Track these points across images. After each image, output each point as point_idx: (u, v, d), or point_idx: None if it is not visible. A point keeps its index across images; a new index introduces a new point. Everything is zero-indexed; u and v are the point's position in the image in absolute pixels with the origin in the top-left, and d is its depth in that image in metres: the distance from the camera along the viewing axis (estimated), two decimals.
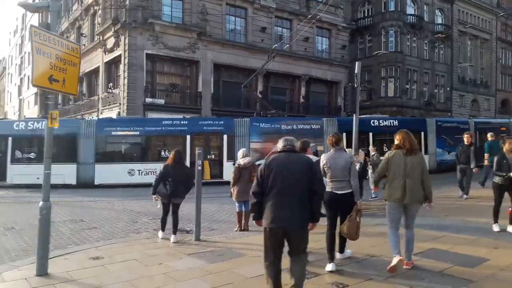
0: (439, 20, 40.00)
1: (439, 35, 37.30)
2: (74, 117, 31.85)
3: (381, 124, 20.63)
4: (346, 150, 6.75)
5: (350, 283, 4.65)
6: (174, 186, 6.88)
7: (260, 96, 27.51)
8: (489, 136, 12.58)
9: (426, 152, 20.09)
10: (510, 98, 47.29)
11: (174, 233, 7.03)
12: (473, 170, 10.69)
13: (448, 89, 39.88)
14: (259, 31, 29.03)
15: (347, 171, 5.26)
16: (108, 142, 17.89)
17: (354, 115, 10.78)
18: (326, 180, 5.35)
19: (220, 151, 18.42)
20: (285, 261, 4.02)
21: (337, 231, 5.31)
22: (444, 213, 8.83)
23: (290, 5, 30.82)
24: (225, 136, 18.31)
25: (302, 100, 31.43)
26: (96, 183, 17.02)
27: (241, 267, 5.31)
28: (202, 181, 7.28)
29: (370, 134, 19.93)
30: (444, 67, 39.77)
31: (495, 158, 7.13)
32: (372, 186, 10.57)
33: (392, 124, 20.50)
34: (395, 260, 4.88)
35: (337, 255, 5.44)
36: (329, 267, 5.07)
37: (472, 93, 42.12)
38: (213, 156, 18.63)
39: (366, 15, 37.69)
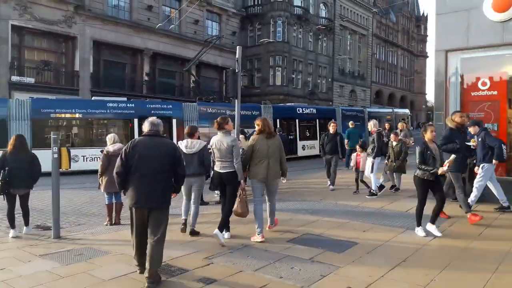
0: (323, 13, 42.43)
1: (321, 26, 39.44)
2: None
3: (304, 112, 22.60)
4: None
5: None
6: (13, 176, 6.07)
7: (198, 80, 26.03)
8: (350, 124, 14.71)
9: None
10: (382, 89, 52.72)
11: (26, 224, 6.45)
12: (341, 160, 10.78)
13: (329, 79, 42.72)
14: (145, 9, 27.42)
15: (230, 153, 5.65)
16: (46, 126, 15.68)
17: (236, 100, 10.55)
18: (215, 160, 5.88)
19: (170, 136, 17.27)
20: None
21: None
22: (319, 197, 9.18)
23: None
24: (174, 120, 17.68)
25: (192, 84, 30.68)
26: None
27: (100, 267, 4.67)
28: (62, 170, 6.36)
29: (297, 120, 21.81)
30: (326, 59, 42.43)
31: (417, 149, 6.05)
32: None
33: (312, 112, 23.01)
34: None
35: (215, 230, 5.59)
36: (226, 235, 5.80)
37: (350, 84, 45.84)
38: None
39: (256, 3, 38.20)
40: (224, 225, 5.73)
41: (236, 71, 10.58)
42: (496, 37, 8.17)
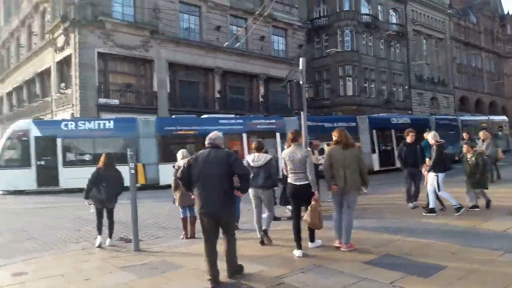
0: (393, 19, 40.90)
1: (391, 32, 37.88)
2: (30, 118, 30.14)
3: (399, 122, 22.32)
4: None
5: None
6: (108, 191, 6.63)
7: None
8: (425, 135, 12.69)
9: None
10: (467, 95, 49.03)
11: (110, 236, 6.92)
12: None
13: (406, 87, 40.79)
14: (214, 29, 28.42)
15: (303, 164, 5.74)
16: (170, 142, 17.40)
17: (302, 112, 10.39)
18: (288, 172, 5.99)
19: (274, 149, 18.19)
20: None
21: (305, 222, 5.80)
22: (401, 215, 8.50)
23: (244, 3, 30.39)
24: (277, 134, 18.54)
25: (261, 99, 31.14)
26: (161, 183, 16.17)
27: (171, 282, 4.77)
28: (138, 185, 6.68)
29: (392, 131, 21.57)
30: (401, 66, 40.65)
31: None
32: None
33: (406, 122, 22.20)
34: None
35: (309, 244, 5.93)
36: (297, 253, 5.68)
37: (430, 91, 43.34)
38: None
39: (321, 14, 37.89)
40: (312, 235, 6.01)
41: (301, 83, 10.47)
42: None
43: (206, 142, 4.90)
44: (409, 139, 9.43)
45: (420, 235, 6.60)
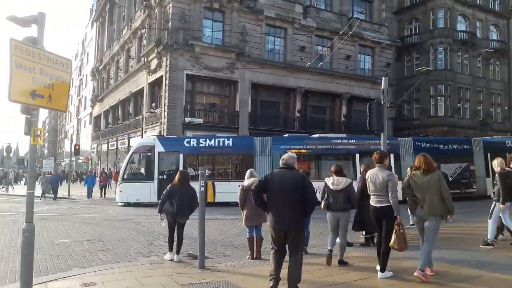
0: (494, 36, 37.75)
1: (489, 49, 34.73)
2: (122, 135, 33.12)
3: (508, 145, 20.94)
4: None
5: None
6: (180, 205, 6.92)
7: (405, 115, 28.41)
8: None
9: None
10: None
11: (178, 252, 7.11)
12: None
13: (506, 108, 37.17)
14: (298, 50, 28.71)
15: (385, 187, 5.77)
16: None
17: (382, 134, 9.90)
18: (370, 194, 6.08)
19: (388, 168, 17.81)
20: None
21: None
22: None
23: (332, 24, 30.31)
24: (391, 155, 17.74)
25: (343, 119, 30.49)
26: None
27: None
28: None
29: (507, 153, 20.35)
30: (500, 85, 37.22)
31: None
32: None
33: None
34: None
35: (378, 274, 5.83)
36: (380, 274, 5.80)
37: None
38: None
39: (413, 32, 36.33)
40: (384, 264, 5.84)
41: (382, 102, 10.03)
42: None
43: (281, 163, 5.11)
44: None
45: (507, 271, 5.97)
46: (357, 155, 18.26)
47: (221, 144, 17.96)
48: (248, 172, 7.48)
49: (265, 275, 5.57)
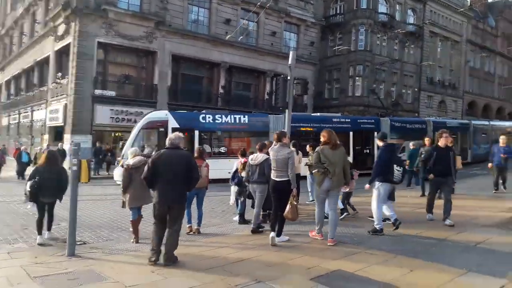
0: (411, 19, 39.69)
1: (404, 31, 36.45)
2: (25, 108, 30.32)
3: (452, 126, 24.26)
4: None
5: None
6: (43, 185, 6.54)
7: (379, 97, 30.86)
8: (411, 145, 13.65)
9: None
10: (477, 100, 47.55)
11: (48, 229, 6.96)
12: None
13: (416, 89, 39.65)
14: (223, 22, 27.85)
15: (286, 163, 6.33)
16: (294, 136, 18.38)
17: (287, 110, 9.76)
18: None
19: (372, 146, 20.40)
20: None
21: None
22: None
23: None
24: (375, 133, 19.80)
25: (267, 96, 30.48)
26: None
27: None
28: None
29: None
30: (413, 68, 39.50)
31: None
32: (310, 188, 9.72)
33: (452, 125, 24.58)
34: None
35: (276, 239, 6.39)
36: (271, 234, 6.41)
37: (440, 94, 42.09)
38: (368, 151, 20.92)
39: (338, 12, 37.01)
40: (280, 229, 6.52)
41: (288, 78, 9.83)
42: None
43: (167, 142, 5.51)
44: (442, 142, 8.06)
45: (384, 248, 6.12)
46: (351, 133, 20.18)
47: (238, 121, 17.90)
48: (132, 149, 6.98)
49: (141, 262, 5.45)
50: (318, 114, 22.08)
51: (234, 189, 8.49)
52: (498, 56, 50.80)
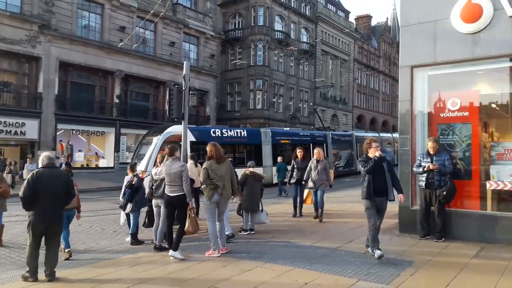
0: (304, 38, 42.08)
1: (299, 48, 38.53)
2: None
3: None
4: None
5: None
6: None
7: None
8: (279, 159, 17.41)
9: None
10: (364, 114, 52.18)
11: None
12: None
13: (311, 104, 42.04)
14: (117, 30, 26.48)
15: (179, 177, 6.20)
16: (277, 148, 21.57)
17: (183, 121, 9.38)
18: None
19: (326, 154, 22.98)
20: None
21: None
22: (270, 235, 7.92)
23: (154, 6, 28.83)
24: (325, 144, 24.57)
25: (167, 107, 29.57)
26: (273, 182, 19.06)
27: None
28: None
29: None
30: (308, 83, 41.85)
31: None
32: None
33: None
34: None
35: (170, 252, 6.21)
36: (173, 253, 6.16)
37: (332, 108, 45.21)
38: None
39: (237, 26, 37.75)
40: (177, 244, 6.21)
41: (183, 88, 9.47)
42: (466, 51, 7.23)
43: (45, 161, 5.45)
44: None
45: (282, 261, 5.99)
46: (311, 144, 22.92)
47: (239, 135, 20.07)
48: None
49: None
50: (287, 128, 26.22)
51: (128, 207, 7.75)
52: (381, 74, 56.50)
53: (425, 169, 7.06)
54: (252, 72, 35.78)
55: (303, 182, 9.69)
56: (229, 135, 19.45)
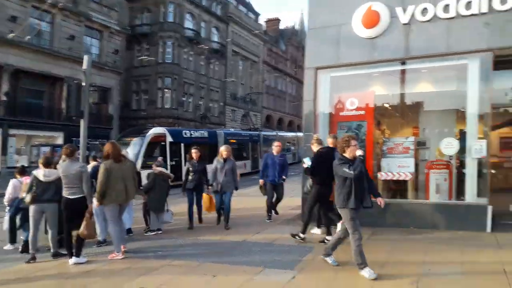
0: (215, 38, 42.12)
1: (210, 48, 38.52)
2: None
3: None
4: None
5: None
6: None
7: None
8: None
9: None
10: (272, 114, 53.93)
11: None
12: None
13: (221, 103, 42.26)
14: (7, 19, 23.87)
15: (77, 179, 5.92)
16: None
17: (82, 120, 8.75)
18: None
19: (258, 153, 28.40)
20: None
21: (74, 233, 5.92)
22: (178, 233, 7.81)
23: None
24: (258, 144, 28.59)
25: (64, 105, 27.43)
26: None
27: None
28: None
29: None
30: (218, 83, 41.99)
31: None
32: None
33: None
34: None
35: (73, 259, 5.90)
36: (72, 260, 5.89)
37: (243, 108, 45.92)
38: (254, 155, 28.05)
39: (144, 22, 36.47)
40: (78, 250, 5.94)
41: (83, 84, 8.84)
42: (365, 54, 7.85)
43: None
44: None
45: (189, 257, 6.00)
46: (249, 144, 27.44)
47: (204, 136, 22.78)
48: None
49: None
50: (233, 129, 30.52)
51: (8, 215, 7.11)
52: (288, 76, 58.85)
53: None
54: (161, 69, 34.87)
55: (208, 187, 8.37)
56: (195, 136, 22.08)
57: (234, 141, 25.54)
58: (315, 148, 6.80)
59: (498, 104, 7.53)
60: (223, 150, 8.33)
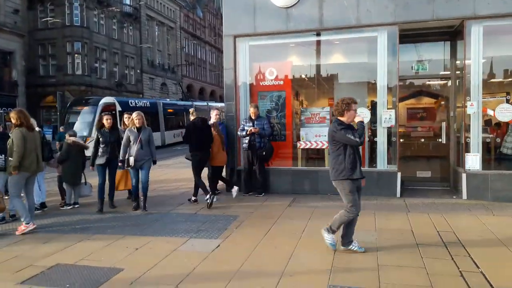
0: (127, 1, 39.57)
1: (120, 10, 36.21)
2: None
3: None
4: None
5: None
6: None
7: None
8: (61, 128, 18.45)
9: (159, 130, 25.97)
10: (193, 83, 52.87)
11: None
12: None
13: (138, 71, 40.39)
14: None
15: None
16: (166, 116, 26.52)
17: None
18: None
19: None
20: None
21: None
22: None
23: None
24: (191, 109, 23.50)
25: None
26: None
27: None
28: None
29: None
30: (133, 49, 39.91)
31: None
32: None
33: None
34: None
35: None
36: None
37: (161, 77, 44.40)
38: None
39: None
40: None
41: None
42: (281, 24, 7.96)
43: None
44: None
45: (110, 229, 5.91)
46: (184, 113, 26.79)
47: (147, 105, 24.52)
48: None
49: None
50: (169, 100, 33.09)
51: None
52: (208, 45, 57.65)
53: (248, 132, 7.68)
54: (68, 33, 32.08)
55: (120, 163, 7.01)
56: (139, 105, 23.30)
57: (172, 110, 27.53)
58: (191, 118, 7.56)
59: (405, 76, 8.16)
60: (135, 116, 6.89)
